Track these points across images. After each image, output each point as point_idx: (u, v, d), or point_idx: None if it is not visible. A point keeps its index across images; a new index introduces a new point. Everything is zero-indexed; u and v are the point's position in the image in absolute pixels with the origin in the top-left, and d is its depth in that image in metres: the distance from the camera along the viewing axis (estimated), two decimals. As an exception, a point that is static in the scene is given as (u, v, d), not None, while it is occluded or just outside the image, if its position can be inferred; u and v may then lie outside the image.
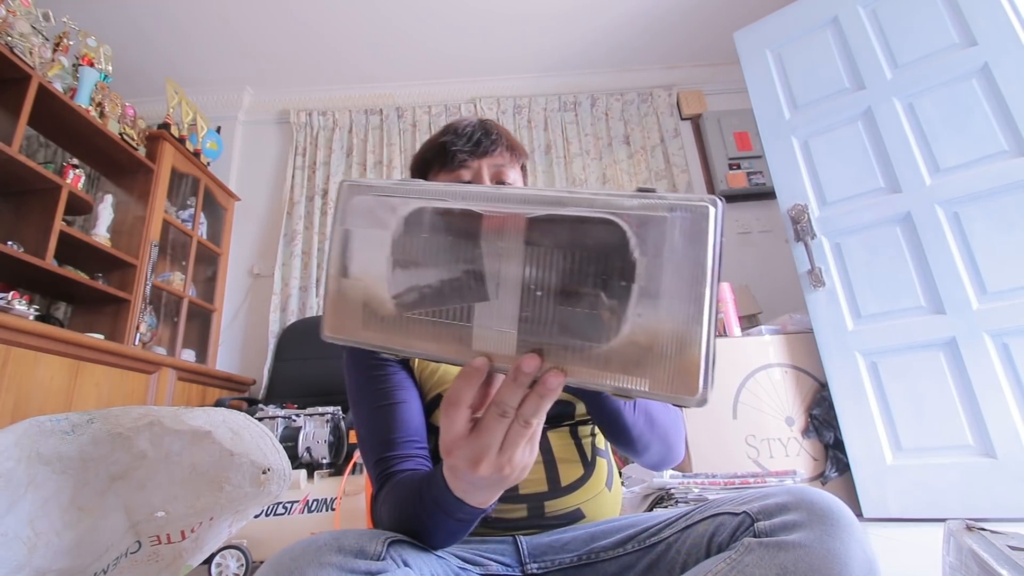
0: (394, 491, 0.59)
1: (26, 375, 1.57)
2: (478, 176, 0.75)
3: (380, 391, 0.70)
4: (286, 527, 1.48)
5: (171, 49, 2.78)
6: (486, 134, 0.76)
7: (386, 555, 0.48)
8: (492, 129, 0.77)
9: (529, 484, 0.68)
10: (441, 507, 0.48)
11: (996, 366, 1.63)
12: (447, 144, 0.76)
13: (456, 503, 0.46)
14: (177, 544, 0.88)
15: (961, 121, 1.79)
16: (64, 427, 0.79)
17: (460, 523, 0.50)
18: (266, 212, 3.03)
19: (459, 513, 0.48)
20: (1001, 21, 1.75)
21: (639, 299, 0.30)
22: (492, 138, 0.76)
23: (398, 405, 0.69)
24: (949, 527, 0.84)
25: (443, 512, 0.48)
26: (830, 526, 0.45)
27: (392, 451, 0.64)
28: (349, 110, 3.10)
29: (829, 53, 2.07)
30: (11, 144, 1.78)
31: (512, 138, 0.80)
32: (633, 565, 0.59)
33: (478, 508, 0.47)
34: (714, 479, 1.60)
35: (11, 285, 1.90)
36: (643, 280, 0.29)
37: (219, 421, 0.88)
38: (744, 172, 2.87)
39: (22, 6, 1.91)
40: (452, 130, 0.77)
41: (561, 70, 3.13)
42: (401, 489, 0.58)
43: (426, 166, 0.79)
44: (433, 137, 0.80)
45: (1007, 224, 1.67)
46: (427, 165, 0.79)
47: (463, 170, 0.75)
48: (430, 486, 0.50)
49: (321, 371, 2.46)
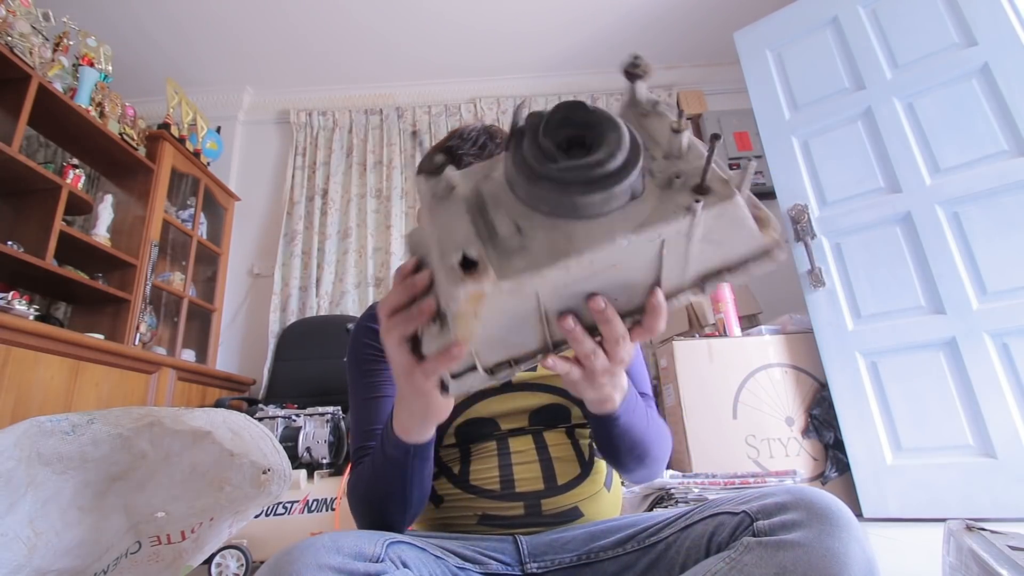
0: (361, 467, 0.65)
1: (26, 375, 1.57)
2: None
3: (371, 384, 0.73)
4: (286, 527, 1.48)
5: (171, 49, 2.78)
6: (491, 138, 0.78)
7: (384, 556, 0.48)
8: (497, 133, 0.79)
9: (526, 482, 0.68)
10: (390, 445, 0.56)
11: (996, 366, 1.63)
12: (453, 148, 0.77)
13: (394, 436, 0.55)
14: (177, 544, 0.88)
15: (961, 121, 1.79)
16: (64, 427, 0.79)
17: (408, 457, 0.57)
18: (266, 212, 3.03)
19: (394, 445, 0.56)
20: (1001, 21, 1.75)
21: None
22: (496, 142, 0.78)
23: (385, 399, 0.72)
24: (949, 527, 0.84)
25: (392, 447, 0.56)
26: (829, 525, 0.45)
27: (372, 441, 0.68)
28: (349, 110, 3.10)
29: (829, 53, 2.07)
30: (11, 144, 1.79)
31: None
32: (633, 565, 0.59)
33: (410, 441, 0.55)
34: (714, 479, 1.60)
35: (11, 285, 1.90)
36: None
37: (219, 421, 0.89)
38: (744, 172, 2.87)
39: (22, 6, 1.91)
40: (458, 135, 0.79)
41: (561, 70, 3.13)
42: (365, 466, 0.64)
43: None
44: (439, 142, 0.82)
45: (1007, 224, 1.67)
46: None
47: None
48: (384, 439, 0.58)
49: (321, 371, 2.46)
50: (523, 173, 0.35)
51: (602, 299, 0.37)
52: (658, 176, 0.35)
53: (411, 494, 0.60)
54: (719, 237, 0.35)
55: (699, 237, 0.35)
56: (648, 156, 0.37)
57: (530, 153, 0.35)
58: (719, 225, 0.35)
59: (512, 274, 0.33)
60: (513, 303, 0.35)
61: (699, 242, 0.35)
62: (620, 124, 0.35)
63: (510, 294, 0.34)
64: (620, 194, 0.34)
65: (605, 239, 0.33)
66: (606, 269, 0.35)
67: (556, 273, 0.33)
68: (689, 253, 0.36)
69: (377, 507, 0.63)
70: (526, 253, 0.34)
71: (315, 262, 2.80)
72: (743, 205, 0.34)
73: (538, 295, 0.35)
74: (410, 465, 0.58)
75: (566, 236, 0.34)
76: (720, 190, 0.34)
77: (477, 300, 0.33)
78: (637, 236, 0.33)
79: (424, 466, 0.59)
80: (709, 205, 0.33)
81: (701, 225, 0.34)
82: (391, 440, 0.56)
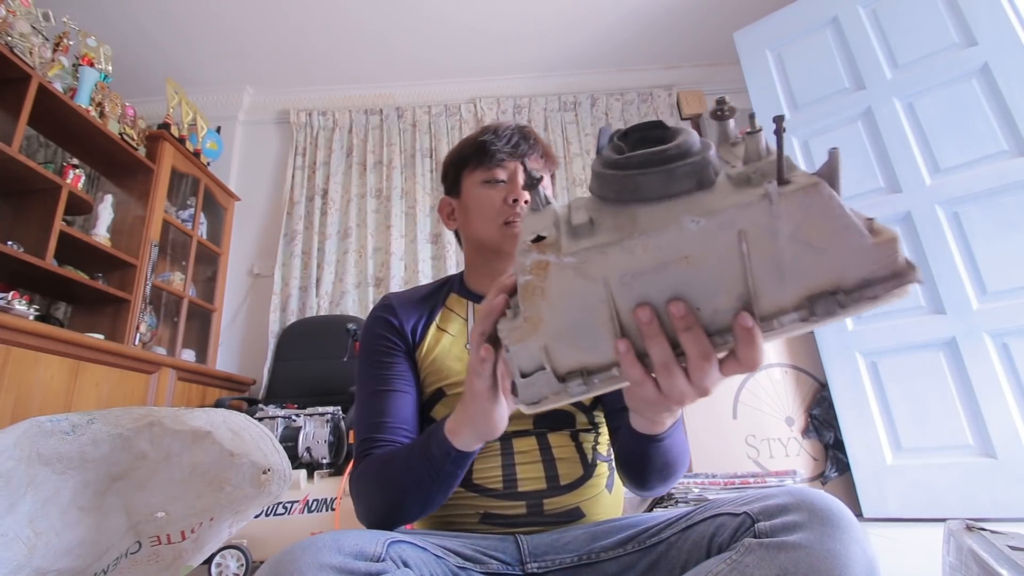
0: (379, 459, 0.64)
1: (26, 375, 1.57)
2: (513, 176, 0.79)
3: (382, 377, 0.73)
4: (286, 527, 1.48)
5: (171, 49, 2.78)
6: (524, 137, 0.81)
7: (385, 556, 0.48)
8: (530, 134, 0.82)
9: (528, 482, 0.68)
10: (438, 450, 0.57)
11: (996, 366, 1.63)
12: (487, 143, 0.79)
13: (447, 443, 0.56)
14: (177, 544, 0.88)
15: (961, 121, 1.79)
16: (64, 427, 0.79)
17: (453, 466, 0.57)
18: (266, 212, 3.02)
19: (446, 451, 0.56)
20: (1001, 21, 1.75)
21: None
22: (530, 142, 0.81)
23: (395, 393, 0.72)
24: (949, 527, 0.84)
25: (438, 453, 0.57)
26: (831, 527, 0.45)
27: (380, 433, 0.68)
28: (349, 110, 3.10)
29: (829, 53, 2.07)
30: (11, 144, 1.78)
31: (548, 147, 0.84)
32: (633, 565, 0.59)
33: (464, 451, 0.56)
34: (714, 479, 1.60)
35: (11, 285, 1.90)
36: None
37: (219, 421, 0.88)
38: (744, 172, 2.87)
39: (22, 6, 1.91)
40: (492, 130, 0.81)
41: (561, 70, 3.13)
42: (388, 456, 0.64)
43: (462, 163, 0.83)
44: (471, 136, 0.83)
45: (1007, 224, 1.67)
46: (463, 162, 0.83)
47: (499, 169, 0.79)
48: (429, 438, 0.58)
49: (321, 371, 2.46)
50: (596, 170, 0.37)
51: (684, 304, 0.33)
52: (735, 176, 0.33)
53: (435, 495, 0.60)
54: (816, 239, 0.31)
55: (788, 234, 0.31)
56: (726, 164, 0.35)
57: (606, 153, 0.37)
58: (810, 220, 0.30)
59: (576, 250, 0.33)
60: (580, 287, 0.34)
61: (790, 242, 0.31)
62: (691, 131, 0.36)
63: (575, 272, 0.34)
64: (682, 176, 0.33)
65: (669, 220, 0.32)
66: (677, 261, 0.32)
67: (619, 255, 0.33)
68: (781, 257, 0.32)
69: (396, 499, 0.61)
70: (593, 235, 0.34)
71: (315, 262, 2.80)
72: (834, 196, 0.30)
73: (607, 282, 0.34)
74: (446, 469, 0.57)
75: (630, 218, 0.34)
76: (801, 179, 0.30)
77: (543, 270, 0.34)
78: (705, 220, 0.31)
79: (458, 474, 0.59)
80: (789, 192, 0.30)
81: (785, 217, 0.30)
82: (438, 439, 0.56)
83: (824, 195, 0.30)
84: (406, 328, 0.77)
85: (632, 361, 0.36)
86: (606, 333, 0.36)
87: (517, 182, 0.78)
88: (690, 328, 0.34)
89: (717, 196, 0.32)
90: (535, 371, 0.38)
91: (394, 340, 0.76)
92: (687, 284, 0.33)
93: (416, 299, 0.82)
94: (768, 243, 0.31)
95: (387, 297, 0.82)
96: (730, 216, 0.31)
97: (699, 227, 0.31)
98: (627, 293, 0.34)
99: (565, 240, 0.35)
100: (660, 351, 0.35)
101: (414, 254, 2.79)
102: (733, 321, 0.34)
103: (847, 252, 0.31)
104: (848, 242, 0.31)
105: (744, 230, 0.31)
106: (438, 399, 0.73)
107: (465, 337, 0.77)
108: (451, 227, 0.88)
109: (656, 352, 0.35)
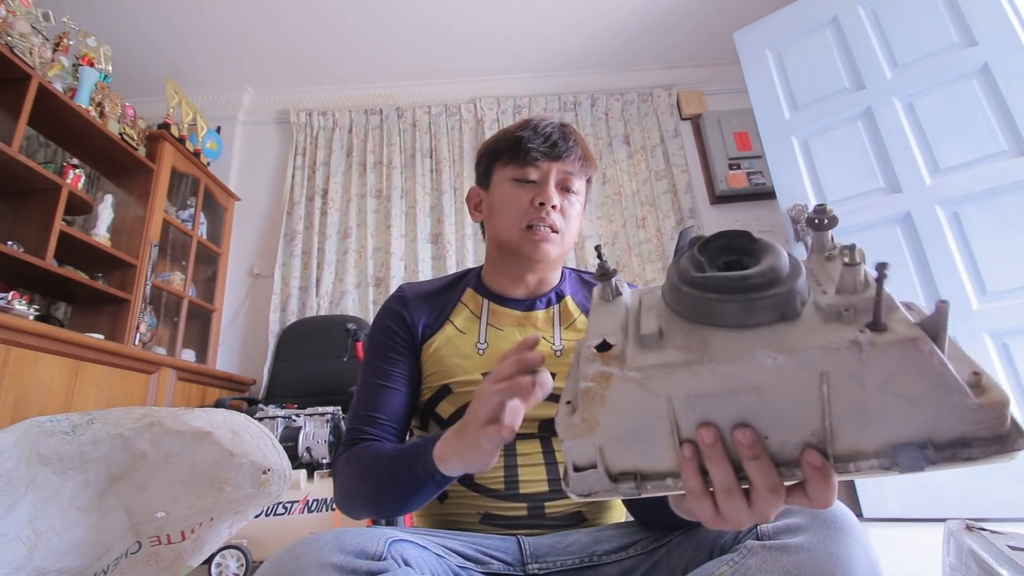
0: (365, 456, 0.65)
1: (26, 375, 1.57)
2: (545, 178, 0.75)
3: (383, 371, 0.74)
4: (286, 527, 1.48)
5: (171, 49, 2.78)
6: (563, 138, 0.76)
7: (387, 555, 0.48)
8: (570, 135, 0.77)
9: (530, 484, 0.68)
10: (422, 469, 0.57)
11: (996, 366, 1.63)
12: (523, 139, 0.75)
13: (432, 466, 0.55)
14: (177, 544, 0.88)
15: (961, 121, 1.79)
16: (64, 427, 0.79)
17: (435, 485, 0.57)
18: (266, 212, 3.02)
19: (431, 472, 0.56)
20: (1001, 21, 1.75)
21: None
22: (569, 144, 0.76)
23: (392, 390, 0.73)
24: (949, 527, 0.84)
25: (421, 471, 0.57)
26: (833, 530, 0.45)
27: (370, 427, 0.70)
28: (349, 110, 3.10)
29: (829, 53, 2.07)
30: (11, 144, 1.78)
31: (587, 149, 0.80)
32: (635, 568, 0.59)
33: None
34: (714, 479, 1.59)
35: (11, 285, 1.90)
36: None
37: (219, 422, 0.88)
38: (744, 172, 2.87)
39: (22, 6, 1.91)
40: (531, 126, 0.77)
41: (561, 70, 3.13)
42: (372, 456, 0.64)
43: (496, 155, 0.79)
44: (510, 128, 0.79)
45: (1007, 224, 1.67)
46: (497, 155, 0.79)
47: (532, 168, 0.76)
48: (417, 454, 0.58)
49: (321, 371, 2.46)
50: (672, 281, 0.36)
51: (751, 431, 0.31)
52: (825, 308, 0.31)
53: (412, 504, 0.61)
54: (908, 391, 0.28)
55: (876, 384, 0.29)
56: (819, 290, 0.34)
57: (684, 265, 0.36)
58: (904, 373, 0.28)
59: (640, 365, 0.32)
60: (641, 400, 0.33)
61: (879, 391, 0.29)
62: (780, 250, 0.35)
63: (637, 386, 0.33)
64: (764, 308, 0.32)
65: (745, 351, 0.30)
66: (748, 391, 0.31)
67: (685, 377, 0.31)
68: (867, 404, 0.29)
69: (373, 501, 0.62)
70: (661, 352, 0.33)
71: (315, 262, 2.80)
72: (935, 353, 0.28)
73: (670, 400, 0.32)
74: (427, 487, 0.57)
75: (702, 341, 0.32)
76: (900, 330, 0.28)
77: (605, 380, 0.33)
78: (784, 357, 0.29)
79: (437, 492, 0.59)
80: (883, 343, 0.28)
81: (875, 367, 0.28)
82: (424, 460, 0.56)
83: (924, 352, 0.28)
84: (417, 324, 0.77)
85: (694, 471, 0.33)
86: (665, 445, 0.34)
87: (548, 184, 0.74)
88: (757, 458, 0.32)
89: (801, 330, 0.31)
90: (588, 467, 0.37)
91: (401, 335, 0.76)
92: (756, 412, 0.32)
93: (431, 292, 0.81)
94: (853, 388, 0.29)
95: (402, 288, 0.81)
96: (813, 357, 0.29)
97: (776, 363, 0.30)
98: (690, 412, 0.33)
99: (631, 350, 0.34)
100: (723, 475, 0.33)
101: (414, 254, 2.80)
102: (801, 456, 0.31)
103: (944, 408, 0.28)
104: (946, 400, 0.28)
105: (827, 372, 0.29)
106: (444, 395, 0.73)
107: (476, 335, 0.76)
108: (476, 219, 0.85)
109: (718, 476, 0.33)
